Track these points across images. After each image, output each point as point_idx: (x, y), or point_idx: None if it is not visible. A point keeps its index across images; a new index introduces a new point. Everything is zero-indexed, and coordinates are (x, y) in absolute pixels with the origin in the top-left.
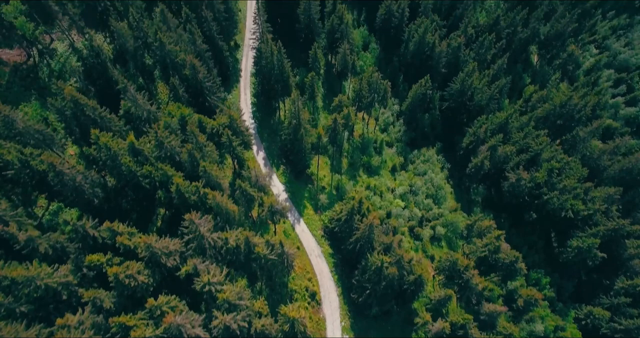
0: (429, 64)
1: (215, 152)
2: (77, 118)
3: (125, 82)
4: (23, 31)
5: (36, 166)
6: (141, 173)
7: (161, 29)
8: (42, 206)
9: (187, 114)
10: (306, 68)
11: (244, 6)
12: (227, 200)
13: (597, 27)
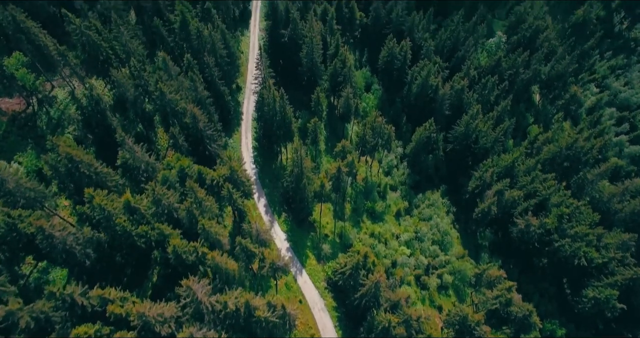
0: (433, 106)
1: (215, 204)
2: (71, 175)
3: (123, 135)
4: (23, 82)
5: (24, 229)
6: (136, 232)
7: (162, 78)
8: (30, 263)
9: (186, 165)
10: (308, 111)
11: (246, 48)
12: (227, 259)
13: (596, 66)
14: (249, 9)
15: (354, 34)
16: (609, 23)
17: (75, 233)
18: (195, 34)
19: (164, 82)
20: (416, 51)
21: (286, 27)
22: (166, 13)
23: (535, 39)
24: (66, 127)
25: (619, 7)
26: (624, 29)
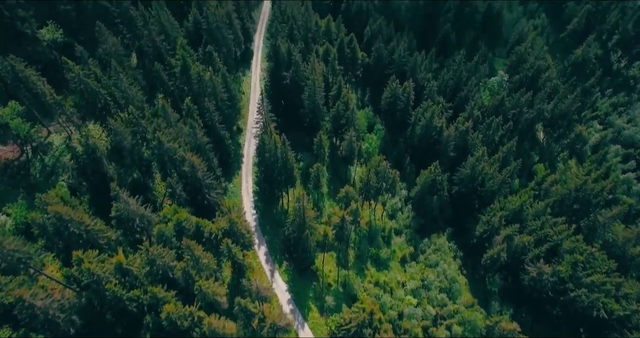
0: (437, 148)
1: (213, 260)
2: (60, 234)
3: (117, 189)
4: (17, 131)
5: (2, 299)
6: (128, 297)
7: (160, 126)
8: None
9: (183, 218)
10: (310, 153)
11: (248, 88)
12: (224, 322)
13: (598, 103)
14: (251, 49)
15: (355, 73)
16: (606, 61)
17: (60, 299)
18: (196, 78)
19: (162, 129)
20: (419, 91)
21: (288, 69)
22: (167, 57)
23: (537, 78)
24: (60, 174)
25: (615, 46)
26: (622, 67)
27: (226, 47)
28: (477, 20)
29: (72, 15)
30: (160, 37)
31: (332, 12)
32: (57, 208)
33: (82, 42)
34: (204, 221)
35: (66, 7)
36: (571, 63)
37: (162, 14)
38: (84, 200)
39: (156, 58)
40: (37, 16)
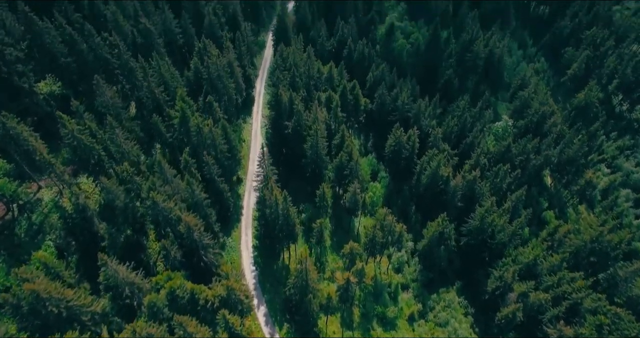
0: (444, 198)
1: (208, 331)
2: (35, 314)
3: (105, 258)
4: (3, 191)
5: None
6: None
7: (155, 185)
8: None
9: (177, 286)
10: (312, 203)
11: (249, 136)
12: None
13: (604, 147)
14: (252, 95)
15: (358, 119)
16: (608, 104)
17: None
18: (195, 130)
19: (158, 188)
20: (423, 138)
21: (290, 118)
22: (166, 108)
23: (542, 123)
24: (48, 233)
25: (616, 90)
26: (624, 110)
27: (227, 95)
28: (478, 66)
29: (72, 67)
30: (159, 89)
31: (334, 58)
32: (35, 285)
33: (81, 93)
34: (200, 287)
35: (67, 60)
36: (574, 107)
37: (163, 65)
38: (71, 260)
39: (155, 109)
40: (36, 69)
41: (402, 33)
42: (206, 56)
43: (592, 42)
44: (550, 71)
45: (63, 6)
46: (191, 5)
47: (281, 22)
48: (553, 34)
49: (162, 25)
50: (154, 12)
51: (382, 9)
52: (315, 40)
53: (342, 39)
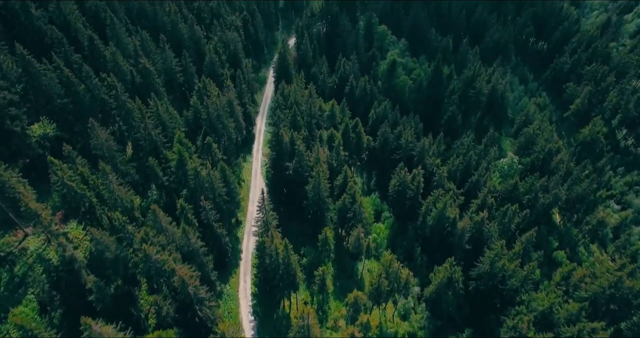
0: (451, 240)
1: None
2: None
3: (88, 323)
4: None
5: None
6: None
7: (148, 235)
8: None
9: None
10: (314, 247)
11: (248, 175)
12: None
13: (612, 182)
14: (253, 132)
15: (361, 156)
16: (612, 139)
17: None
18: (192, 174)
19: (151, 239)
20: (428, 177)
21: (291, 159)
22: (163, 150)
23: (549, 161)
24: (31, 286)
25: (619, 124)
26: (630, 145)
27: (227, 134)
28: (481, 102)
29: (68, 108)
30: (157, 130)
31: (336, 94)
32: None
33: (77, 133)
34: None
35: (63, 101)
36: (579, 142)
37: (161, 106)
38: (54, 315)
39: (152, 151)
40: (30, 112)
41: (404, 69)
42: (206, 96)
43: (593, 77)
44: (552, 106)
45: (63, 47)
46: (192, 43)
47: (282, 59)
48: (553, 69)
49: (162, 64)
50: (154, 50)
51: (383, 45)
52: (317, 77)
53: (343, 76)
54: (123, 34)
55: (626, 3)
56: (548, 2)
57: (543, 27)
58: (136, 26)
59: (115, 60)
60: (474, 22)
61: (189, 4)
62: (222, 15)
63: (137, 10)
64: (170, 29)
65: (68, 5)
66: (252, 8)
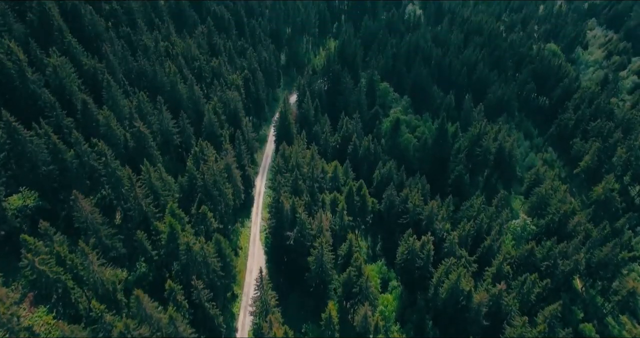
0: (466, 315)
1: None
2: None
3: None
4: None
5: None
6: None
7: (129, 329)
8: None
9: None
10: (316, 323)
11: (246, 242)
12: None
13: (632, 243)
14: (252, 194)
15: (365, 219)
16: (626, 195)
17: None
18: (184, 248)
19: (132, 332)
20: (438, 243)
21: (292, 227)
22: (153, 221)
23: (565, 223)
24: None
25: (631, 181)
26: None
27: (224, 201)
28: (489, 160)
29: (54, 176)
30: (147, 200)
31: (338, 154)
32: None
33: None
34: None
35: (49, 168)
36: (593, 201)
37: (154, 172)
38: None
39: (142, 222)
40: (9, 182)
41: (408, 127)
42: (202, 161)
43: (599, 133)
44: (559, 161)
45: (55, 112)
46: (191, 103)
47: (283, 118)
48: (558, 125)
49: (159, 125)
50: (151, 112)
51: (386, 102)
52: (319, 136)
53: (346, 135)
54: (119, 96)
55: (620, 60)
56: (546, 59)
57: (544, 83)
58: (134, 87)
59: (108, 124)
60: (475, 79)
61: (190, 63)
62: (223, 74)
63: (136, 71)
64: (169, 89)
65: (65, 69)
66: (254, 66)
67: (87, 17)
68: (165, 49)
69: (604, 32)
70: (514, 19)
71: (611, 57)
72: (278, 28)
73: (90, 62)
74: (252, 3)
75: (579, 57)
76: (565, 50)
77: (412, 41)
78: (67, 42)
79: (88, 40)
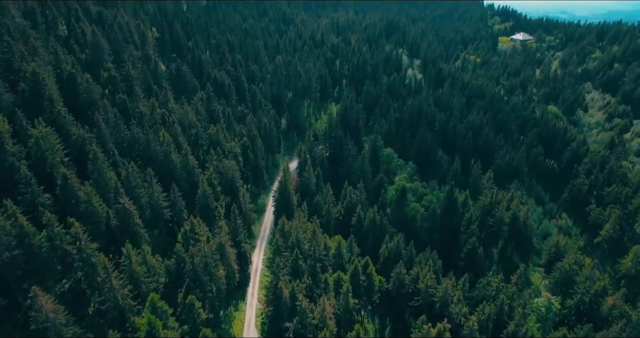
0: None
1: None
2: None
3: None
4: None
5: None
6: None
7: None
8: None
9: None
10: None
11: (239, 326)
12: None
13: None
14: (248, 272)
15: (372, 299)
16: None
17: None
18: None
19: None
20: (455, 328)
21: (291, 317)
22: (131, 316)
23: (596, 302)
24: None
25: None
26: None
27: (215, 285)
28: (503, 231)
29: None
30: (125, 290)
31: (341, 226)
32: None
33: (24, 291)
34: None
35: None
36: (622, 275)
37: (136, 256)
38: None
39: (116, 318)
40: None
41: (414, 195)
42: (193, 240)
43: (617, 200)
44: (575, 228)
45: (30, 187)
46: (186, 173)
47: (283, 189)
48: (571, 190)
49: (148, 199)
50: (140, 184)
51: (390, 168)
52: (321, 207)
53: (350, 205)
54: (106, 169)
55: (623, 123)
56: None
57: (550, 146)
58: (125, 157)
59: (89, 200)
60: (481, 143)
61: (187, 131)
62: (221, 142)
63: (128, 140)
64: (162, 158)
65: (49, 140)
66: (253, 133)
67: (83, 85)
68: (161, 116)
69: (601, 95)
70: (513, 82)
71: (612, 120)
72: (279, 92)
73: (79, 131)
74: (253, 68)
75: (580, 119)
76: (566, 112)
77: (415, 105)
78: (55, 112)
79: (82, 108)
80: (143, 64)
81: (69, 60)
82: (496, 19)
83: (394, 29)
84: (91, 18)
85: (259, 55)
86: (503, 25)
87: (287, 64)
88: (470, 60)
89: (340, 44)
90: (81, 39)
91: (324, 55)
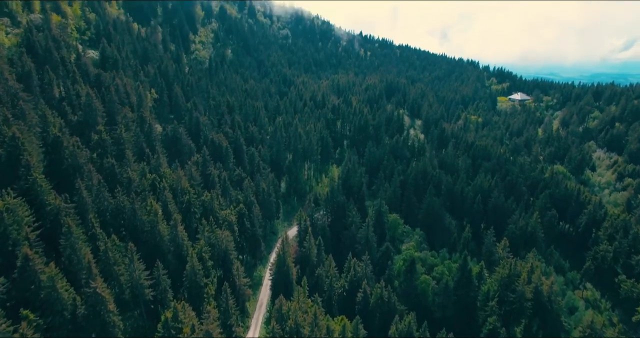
0: None
1: None
2: None
3: None
4: None
5: None
6: None
7: None
8: None
9: None
10: None
11: None
12: None
13: None
14: None
15: None
16: None
17: None
18: None
19: None
20: None
21: None
22: None
23: None
24: None
25: None
26: None
27: None
28: (526, 309)
29: None
30: None
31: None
32: None
33: None
34: None
35: None
36: None
37: None
38: None
39: None
40: None
41: (424, 265)
42: (174, 331)
43: None
44: (605, 302)
45: None
46: (174, 246)
47: (281, 263)
48: (594, 258)
49: (128, 277)
50: (120, 260)
51: (396, 235)
52: (322, 281)
53: (354, 279)
54: (81, 244)
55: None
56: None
57: (564, 209)
58: (107, 228)
59: (53, 286)
60: (491, 207)
61: (179, 197)
62: (215, 211)
63: (112, 209)
64: (148, 229)
65: (16, 213)
66: (250, 199)
67: (69, 149)
68: (151, 181)
69: (607, 154)
70: (517, 142)
71: (623, 179)
72: (279, 154)
73: (55, 201)
74: (252, 130)
75: (588, 179)
76: (574, 172)
77: (420, 167)
78: (31, 180)
79: (66, 173)
80: (137, 126)
81: (56, 124)
82: (493, 80)
83: (394, 90)
84: (89, 80)
85: (259, 116)
86: (500, 85)
87: (287, 125)
88: (472, 120)
89: (341, 105)
90: (75, 101)
91: (325, 116)
